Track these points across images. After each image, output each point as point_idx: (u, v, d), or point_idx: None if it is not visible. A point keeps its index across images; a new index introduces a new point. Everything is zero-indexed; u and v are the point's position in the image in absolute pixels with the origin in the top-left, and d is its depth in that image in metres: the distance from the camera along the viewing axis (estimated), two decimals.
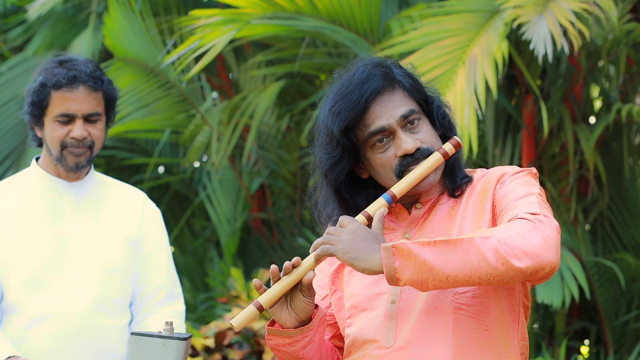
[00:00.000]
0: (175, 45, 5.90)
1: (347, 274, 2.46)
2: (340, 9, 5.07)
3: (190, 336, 2.34)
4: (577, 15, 4.75)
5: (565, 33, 4.79)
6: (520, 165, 5.50)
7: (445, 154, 2.37)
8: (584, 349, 5.76)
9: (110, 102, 3.35)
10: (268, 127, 6.25)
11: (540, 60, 4.68)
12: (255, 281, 2.31)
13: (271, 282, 2.32)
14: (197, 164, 6.61)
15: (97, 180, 3.43)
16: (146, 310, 3.40)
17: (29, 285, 3.27)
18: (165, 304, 3.41)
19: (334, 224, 2.39)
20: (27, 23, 6.58)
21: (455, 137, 2.39)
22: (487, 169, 2.49)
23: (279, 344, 2.37)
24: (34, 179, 3.38)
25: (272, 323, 2.39)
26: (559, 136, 5.48)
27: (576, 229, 5.49)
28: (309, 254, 2.36)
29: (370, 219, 2.31)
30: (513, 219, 2.23)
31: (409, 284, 2.20)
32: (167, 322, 2.32)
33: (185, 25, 5.59)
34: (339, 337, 2.50)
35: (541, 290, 4.92)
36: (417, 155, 2.36)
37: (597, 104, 5.93)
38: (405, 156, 2.36)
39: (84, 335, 3.28)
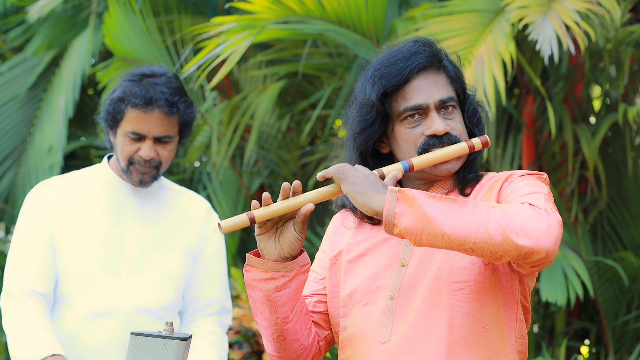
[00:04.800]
0: (178, 50, 5.89)
1: (346, 263, 2.46)
2: (348, 10, 5.08)
3: (190, 336, 2.34)
4: (580, 15, 4.75)
5: (569, 31, 4.78)
6: (520, 165, 5.51)
7: (471, 147, 2.39)
8: (584, 349, 5.75)
9: (185, 125, 3.36)
10: (268, 127, 6.24)
11: (546, 60, 4.68)
12: (254, 202, 2.29)
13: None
14: (197, 164, 6.61)
15: (164, 186, 3.46)
16: (194, 318, 3.43)
17: (84, 282, 3.30)
18: (214, 315, 3.43)
19: None
20: (27, 23, 6.57)
21: (486, 135, 2.42)
22: (489, 168, 2.51)
23: (255, 278, 2.34)
24: (102, 177, 3.41)
25: (256, 255, 2.36)
26: (559, 136, 5.49)
27: (576, 229, 5.49)
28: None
29: (382, 177, 2.32)
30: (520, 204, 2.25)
31: (403, 232, 2.18)
32: (167, 322, 2.32)
33: (197, 32, 5.57)
34: (324, 319, 2.48)
35: (545, 289, 4.91)
36: (444, 139, 2.39)
37: (597, 104, 5.93)
38: (432, 136, 2.39)
39: None
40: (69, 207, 3.35)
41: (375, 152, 2.46)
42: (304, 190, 4.88)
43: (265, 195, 2.27)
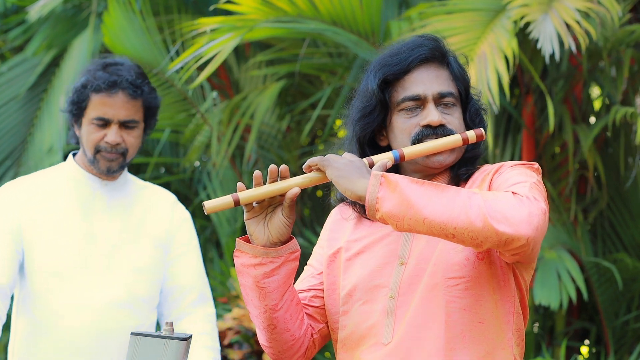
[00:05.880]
0: (177, 52, 5.89)
1: (345, 261, 2.46)
2: (342, 10, 5.07)
3: (190, 336, 2.33)
4: (580, 14, 4.75)
5: (569, 30, 4.79)
6: None
7: (465, 139, 2.39)
8: (584, 349, 5.75)
9: (150, 111, 3.38)
10: (268, 127, 6.24)
11: (547, 59, 4.68)
12: (239, 183, 2.31)
13: (254, 187, 2.31)
14: (197, 164, 6.61)
15: (130, 181, 3.47)
16: (178, 312, 3.43)
17: (55, 278, 3.30)
18: (197, 306, 3.43)
19: None
20: (27, 23, 6.57)
21: (481, 128, 2.42)
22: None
23: (244, 264, 2.35)
24: (69, 173, 3.42)
25: (246, 241, 2.37)
26: (559, 136, 5.49)
27: (576, 229, 5.49)
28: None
29: (372, 165, 2.33)
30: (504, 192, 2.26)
31: (385, 217, 2.20)
32: (167, 322, 2.32)
33: (187, 30, 5.58)
34: (320, 313, 2.49)
35: (538, 291, 4.92)
36: (438, 131, 2.40)
37: (597, 104, 5.93)
38: (426, 127, 2.40)
39: (108, 332, 3.30)
40: (38, 204, 3.35)
41: (374, 144, 2.47)
42: (305, 188, 4.87)
43: (257, 173, 2.29)
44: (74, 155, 3.46)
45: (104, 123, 3.31)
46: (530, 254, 2.26)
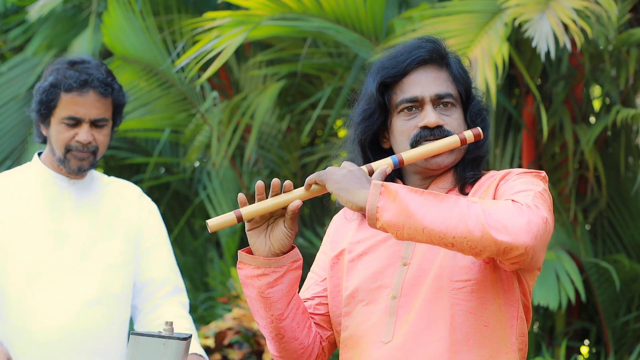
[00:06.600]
0: (178, 54, 5.89)
1: (348, 262, 2.46)
2: (346, 8, 5.08)
3: (190, 336, 2.33)
4: (578, 13, 4.74)
5: (567, 30, 4.79)
6: (520, 165, 5.51)
7: (463, 139, 2.39)
8: (584, 349, 5.76)
9: (118, 109, 3.37)
10: (268, 127, 6.25)
11: (543, 57, 4.68)
12: (240, 195, 2.31)
13: (256, 198, 2.31)
14: (197, 164, 6.61)
15: (96, 178, 3.45)
16: (152, 305, 3.42)
17: (28, 279, 3.28)
18: (172, 297, 3.43)
19: None
20: (27, 23, 6.58)
21: (478, 127, 2.42)
22: (488, 168, 2.51)
23: (247, 275, 2.36)
24: (36, 173, 3.39)
25: (248, 252, 2.38)
26: (559, 136, 5.49)
27: (575, 229, 5.49)
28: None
29: (372, 172, 2.34)
30: (504, 201, 2.26)
31: (385, 226, 2.21)
32: (167, 322, 2.31)
33: (192, 27, 5.58)
34: (326, 320, 2.49)
35: (537, 292, 4.92)
36: (436, 132, 2.40)
37: (597, 104, 5.93)
38: (424, 128, 2.40)
39: (84, 330, 3.29)
40: (5, 206, 3.33)
41: (377, 146, 2.47)
42: None
43: (259, 184, 2.29)
44: (39, 154, 3.42)
45: (75, 122, 3.28)
46: (531, 262, 2.25)
